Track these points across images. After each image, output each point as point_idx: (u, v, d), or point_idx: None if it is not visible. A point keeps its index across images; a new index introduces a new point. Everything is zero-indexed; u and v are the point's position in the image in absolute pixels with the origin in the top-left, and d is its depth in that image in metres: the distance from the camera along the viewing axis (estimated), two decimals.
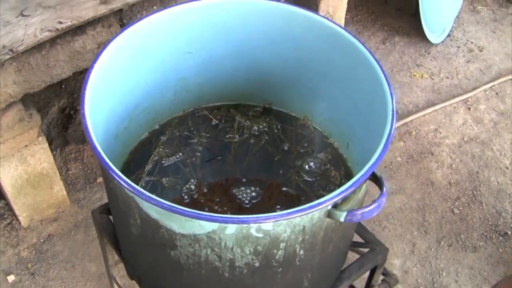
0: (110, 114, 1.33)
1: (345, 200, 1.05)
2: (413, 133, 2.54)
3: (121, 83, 1.34)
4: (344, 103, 1.43)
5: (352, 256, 1.52)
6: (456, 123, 2.59)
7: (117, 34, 1.27)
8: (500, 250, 2.19)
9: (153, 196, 0.98)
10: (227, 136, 1.52)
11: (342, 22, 2.66)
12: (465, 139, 2.54)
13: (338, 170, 1.46)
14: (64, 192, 2.21)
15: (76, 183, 2.33)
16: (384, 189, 1.07)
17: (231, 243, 1.03)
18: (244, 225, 0.99)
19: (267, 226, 1.01)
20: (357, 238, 1.52)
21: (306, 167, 1.46)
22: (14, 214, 2.18)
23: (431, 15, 2.85)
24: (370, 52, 1.27)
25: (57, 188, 2.16)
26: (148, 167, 1.44)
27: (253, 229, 1.01)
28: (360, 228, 1.52)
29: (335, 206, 1.04)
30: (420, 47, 2.95)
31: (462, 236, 2.22)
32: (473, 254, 2.18)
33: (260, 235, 1.02)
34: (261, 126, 1.55)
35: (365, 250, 1.50)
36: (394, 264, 2.11)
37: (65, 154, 2.40)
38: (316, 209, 0.99)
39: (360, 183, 1.04)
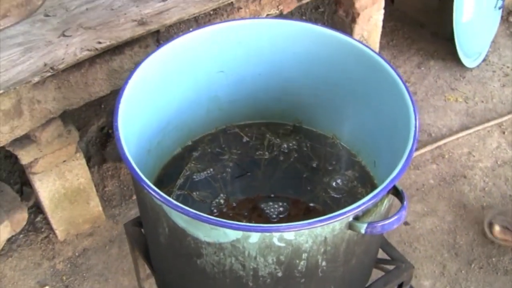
0: (143, 130, 1.38)
1: (366, 212, 1.08)
2: (446, 156, 2.54)
3: (154, 99, 1.39)
4: (371, 123, 1.45)
5: (377, 274, 1.53)
6: (490, 147, 2.58)
7: (151, 52, 1.33)
8: None
9: (180, 204, 1.02)
10: (257, 153, 1.56)
11: (376, 46, 2.69)
12: (498, 162, 2.53)
13: (365, 188, 1.48)
14: (100, 208, 2.27)
15: (112, 199, 2.40)
16: (405, 202, 1.09)
17: (254, 252, 1.07)
18: (267, 234, 1.03)
19: (289, 235, 1.04)
20: (383, 255, 1.53)
21: (334, 184, 1.48)
22: (51, 228, 2.24)
23: (467, 39, 2.86)
24: (397, 73, 1.30)
25: (93, 203, 2.23)
26: (180, 181, 1.49)
27: (275, 238, 1.04)
28: (386, 245, 1.53)
29: (357, 218, 1.07)
30: (455, 71, 2.96)
31: (493, 259, 2.21)
32: (504, 277, 2.16)
33: (282, 244, 1.05)
34: (290, 144, 1.59)
35: (391, 267, 1.51)
36: (424, 285, 2.10)
37: (102, 172, 2.47)
38: (337, 220, 1.02)
39: (381, 196, 1.06)
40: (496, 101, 2.84)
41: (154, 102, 1.40)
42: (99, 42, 1.74)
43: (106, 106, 2.64)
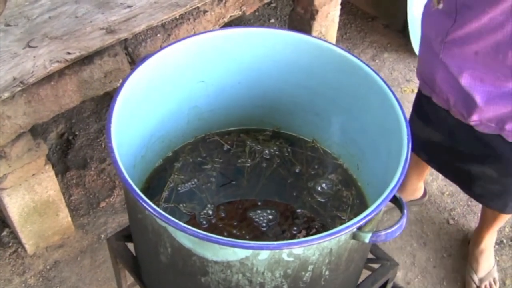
0: (130, 145, 1.36)
1: (368, 222, 1.10)
2: None
3: (138, 114, 1.37)
4: (353, 126, 1.48)
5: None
6: None
7: (134, 68, 1.31)
8: (497, 258, 2.26)
9: (188, 226, 1.02)
10: (239, 160, 1.56)
11: (333, 41, 2.72)
12: None
13: (349, 190, 1.50)
14: (69, 219, 2.23)
15: (79, 208, 2.36)
16: (405, 210, 1.12)
17: (262, 268, 1.08)
18: (277, 251, 1.04)
19: (298, 250, 1.05)
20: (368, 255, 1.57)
21: (319, 188, 1.50)
22: (19, 242, 2.19)
23: (419, 30, 2.92)
24: (380, 76, 1.33)
25: (63, 214, 2.19)
26: (165, 194, 1.47)
27: (285, 254, 1.05)
28: (373, 246, 1.57)
29: (360, 228, 1.09)
30: (409, 62, 3.02)
31: (460, 246, 2.28)
32: None
33: (291, 259, 1.07)
34: (271, 150, 1.59)
35: (376, 266, 1.55)
36: (397, 276, 2.16)
37: (66, 180, 2.42)
38: (344, 233, 1.04)
39: (383, 206, 1.09)
40: None
41: (138, 117, 1.38)
42: (68, 53, 1.71)
43: (64, 112, 2.59)
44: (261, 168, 1.55)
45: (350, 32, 3.14)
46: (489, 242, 2.17)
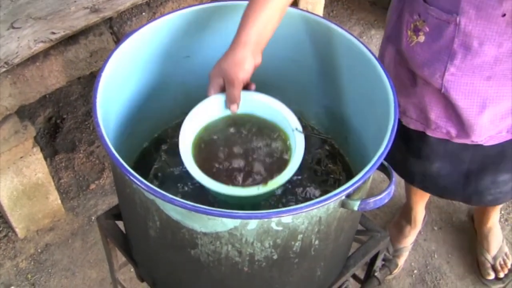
0: (116, 122, 1.36)
1: (356, 190, 1.10)
2: None
3: (124, 90, 1.37)
4: (341, 100, 1.47)
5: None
6: None
7: (118, 44, 1.30)
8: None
9: (176, 198, 1.01)
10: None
11: None
12: None
13: (336, 165, 1.50)
14: (59, 201, 2.22)
15: (69, 191, 2.35)
16: (393, 177, 1.12)
17: (252, 238, 1.08)
18: (265, 220, 1.04)
19: (287, 219, 1.05)
20: (359, 227, 1.57)
21: (306, 163, 1.50)
22: (9, 226, 2.19)
23: None
24: (367, 47, 1.32)
25: (52, 197, 2.18)
26: (152, 173, 1.47)
27: (273, 223, 1.05)
28: (361, 217, 1.57)
29: (348, 196, 1.09)
30: None
31: (450, 218, 2.30)
32: (463, 235, 2.26)
33: (280, 228, 1.07)
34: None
35: (366, 238, 1.56)
36: (388, 249, 2.17)
37: (55, 164, 2.41)
38: (332, 200, 1.04)
39: (371, 173, 1.09)
40: None
41: (124, 93, 1.37)
42: (53, 33, 1.69)
43: (51, 96, 2.58)
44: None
45: (336, 9, 3.13)
46: (495, 219, 2.16)
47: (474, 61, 1.42)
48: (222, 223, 1.05)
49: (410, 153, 1.74)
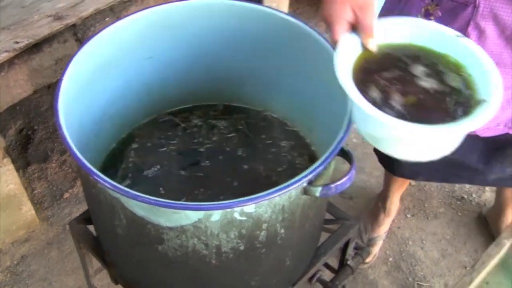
0: (80, 124, 1.36)
1: (318, 176, 1.12)
2: None
3: (87, 92, 1.37)
4: (304, 92, 1.49)
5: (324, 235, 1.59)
6: None
7: (80, 47, 1.31)
8: (459, 214, 2.31)
9: (139, 194, 1.03)
10: (195, 139, 1.56)
11: None
12: None
13: (303, 156, 1.53)
14: (33, 212, 2.22)
15: (43, 201, 2.35)
16: (353, 162, 1.14)
17: (216, 230, 1.09)
18: (228, 210, 1.05)
19: (250, 208, 1.07)
20: (328, 216, 1.59)
21: (274, 156, 1.52)
22: None
23: None
24: (326, 40, 1.33)
25: (26, 208, 2.18)
26: (119, 175, 1.48)
27: (236, 213, 1.07)
28: (330, 206, 1.59)
29: (310, 183, 1.11)
30: None
31: (423, 205, 2.33)
32: (435, 221, 2.29)
33: (244, 218, 1.08)
34: (225, 124, 1.60)
35: (337, 226, 1.58)
36: (362, 238, 2.20)
37: (28, 175, 2.41)
38: (294, 187, 1.06)
39: (331, 159, 1.11)
40: None
41: (88, 95, 1.38)
42: (16, 42, 1.70)
43: (21, 107, 2.58)
44: (217, 143, 1.56)
45: (302, 7, 3.16)
46: None
47: (485, 45, 1.37)
48: (186, 216, 1.07)
49: None
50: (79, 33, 1.87)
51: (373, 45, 1.09)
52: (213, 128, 1.59)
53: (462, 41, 1.08)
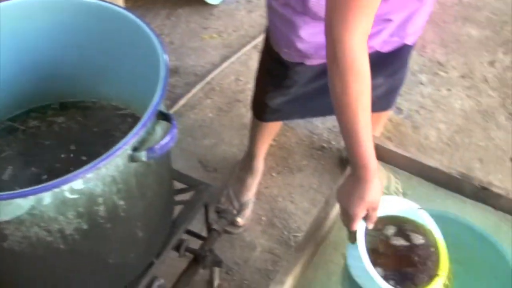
0: None
1: (143, 142, 1.16)
2: (217, 89, 2.71)
3: None
4: (132, 75, 1.51)
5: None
6: (253, 67, 2.78)
7: None
8: (322, 162, 2.43)
9: None
10: (38, 140, 1.56)
11: None
12: None
13: None
14: None
15: None
16: (173, 122, 1.19)
17: (53, 213, 1.11)
18: (57, 190, 1.07)
19: (78, 185, 1.09)
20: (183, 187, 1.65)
21: (113, 140, 1.54)
22: None
23: None
24: (146, 24, 1.35)
25: None
26: None
27: (67, 192, 1.09)
28: (180, 176, 1.64)
29: (136, 150, 1.15)
30: (203, 11, 3.12)
31: (286, 162, 2.43)
32: (300, 174, 2.39)
33: (76, 196, 1.10)
34: (63, 119, 1.61)
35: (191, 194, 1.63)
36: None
37: None
38: (117, 155, 1.09)
39: (150, 122, 1.15)
40: (247, 26, 3.06)
41: None
42: None
43: None
44: (60, 142, 1.56)
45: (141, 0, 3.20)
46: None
47: None
48: (18, 206, 1.08)
49: (277, 88, 1.89)
50: None
51: (371, 226, 1.35)
52: (52, 125, 1.60)
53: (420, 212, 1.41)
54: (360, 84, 1.20)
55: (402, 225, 1.39)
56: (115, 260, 1.33)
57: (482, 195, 1.60)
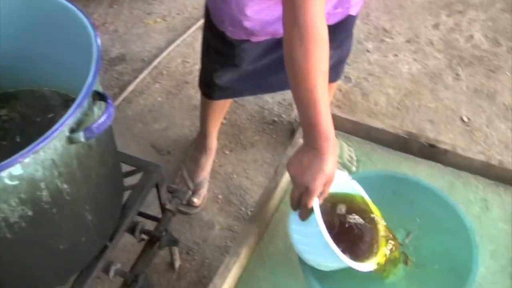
0: None
1: (81, 124, 1.15)
2: (165, 72, 2.71)
3: None
4: (70, 61, 1.50)
5: None
6: (198, 49, 2.77)
7: None
8: (274, 136, 2.45)
9: None
10: None
11: None
12: None
13: None
14: None
15: None
16: (109, 100, 1.18)
17: None
18: None
19: (17, 170, 1.08)
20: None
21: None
22: None
23: None
24: (83, 13, 1.33)
25: None
26: None
27: (6, 178, 1.07)
28: (128, 159, 1.63)
29: (74, 131, 1.14)
30: None
31: (238, 138, 2.44)
32: (253, 149, 2.41)
33: (16, 182, 1.09)
34: (5, 111, 1.59)
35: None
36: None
37: None
38: (54, 138, 1.08)
39: (85, 103, 1.14)
40: (190, 9, 3.06)
41: None
42: None
43: None
44: (2, 135, 1.54)
45: None
46: None
47: None
48: None
49: (223, 66, 1.91)
50: None
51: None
52: None
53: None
54: (320, 50, 1.20)
55: (338, 202, 1.41)
56: (66, 245, 1.32)
57: (430, 152, 1.64)
